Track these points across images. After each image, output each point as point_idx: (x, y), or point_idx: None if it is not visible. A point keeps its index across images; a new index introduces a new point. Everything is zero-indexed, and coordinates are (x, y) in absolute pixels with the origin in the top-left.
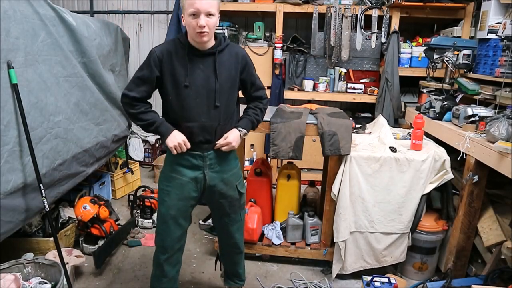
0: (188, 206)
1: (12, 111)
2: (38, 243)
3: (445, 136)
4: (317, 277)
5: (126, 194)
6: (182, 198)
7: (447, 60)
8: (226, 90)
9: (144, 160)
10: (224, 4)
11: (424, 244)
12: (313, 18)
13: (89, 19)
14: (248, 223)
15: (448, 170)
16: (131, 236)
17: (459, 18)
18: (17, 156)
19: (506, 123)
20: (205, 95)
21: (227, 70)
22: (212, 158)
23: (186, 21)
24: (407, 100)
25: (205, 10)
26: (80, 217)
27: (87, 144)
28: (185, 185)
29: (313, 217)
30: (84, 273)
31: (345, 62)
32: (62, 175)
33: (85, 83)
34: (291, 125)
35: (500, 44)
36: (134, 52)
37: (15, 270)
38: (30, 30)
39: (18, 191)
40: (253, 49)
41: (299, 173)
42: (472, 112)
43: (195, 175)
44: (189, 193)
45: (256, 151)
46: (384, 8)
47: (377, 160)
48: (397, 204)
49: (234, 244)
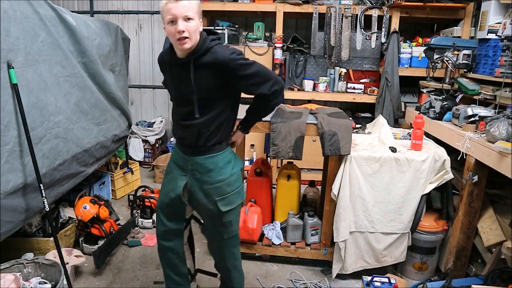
0: (173, 204)
1: (12, 111)
2: (38, 243)
3: (445, 136)
4: (317, 277)
5: (126, 194)
6: (167, 193)
7: (447, 60)
8: (210, 101)
9: (144, 160)
10: (224, 4)
11: (424, 244)
12: (313, 18)
13: (89, 19)
14: (248, 223)
15: (448, 170)
16: (131, 236)
17: (459, 18)
18: (17, 156)
19: (506, 123)
20: (186, 105)
21: (205, 80)
22: (193, 164)
23: (166, 30)
24: (407, 100)
25: (182, 15)
26: (80, 217)
27: (87, 144)
28: (172, 181)
29: (313, 217)
30: (84, 273)
31: (345, 62)
32: (62, 175)
33: (85, 83)
34: (291, 125)
35: (500, 44)
36: (134, 52)
37: (15, 270)
38: (30, 30)
39: (18, 191)
40: (253, 49)
41: (299, 173)
42: (472, 112)
43: (181, 175)
44: (174, 190)
45: (256, 151)
46: (384, 8)
47: (377, 160)
48: (397, 204)
49: (217, 262)
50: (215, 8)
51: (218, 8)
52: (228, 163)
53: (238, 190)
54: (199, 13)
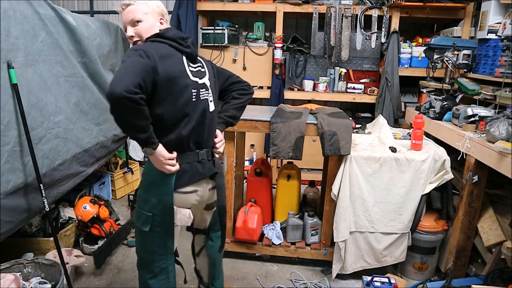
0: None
1: (12, 111)
2: (38, 243)
3: (445, 136)
4: (317, 277)
5: (126, 194)
6: None
7: (447, 60)
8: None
9: (144, 160)
10: (224, 4)
11: (424, 244)
12: (313, 18)
13: (89, 19)
14: (248, 223)
15: (448, 170)
16: (131, 236)
17: (459, 18)
18: (17, 156)
19: (506, 123)
20: None
21: None
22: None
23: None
24: (407, 100)
25: (128, 20)
26: (80, 217)
27: (87, 144)
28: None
29: (313, 217)
30: (84, 273)
31: (345, 62)
32: (62, 175)
33: (85, 83)
34: (291, 125)
35: (500, 44)
36: None
37: (15, 270)
38: (30, 30)
39: (18, 191)
40: (253, 49)
41: (299, 173)
42: (472, 112)
43: None
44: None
45: (256, 151)
46: (384, 8)
47: (377, 160)
48: (397, 204)
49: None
50: (215, 8)
51: (218, 8)
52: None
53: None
54: (153, 12)
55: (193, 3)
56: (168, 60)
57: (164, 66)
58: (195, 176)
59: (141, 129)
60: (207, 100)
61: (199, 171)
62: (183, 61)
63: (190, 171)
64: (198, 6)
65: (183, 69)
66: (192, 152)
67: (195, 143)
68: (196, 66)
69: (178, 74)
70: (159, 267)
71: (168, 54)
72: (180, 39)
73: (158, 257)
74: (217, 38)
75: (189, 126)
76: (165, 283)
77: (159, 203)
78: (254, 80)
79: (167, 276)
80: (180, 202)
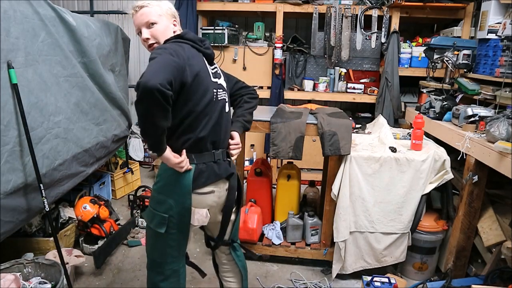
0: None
1: (12, 111)
2: (38, 243)
3: (445, 136)
4: (317, 277)
5: (126, 194)
6: None
7: (447, 60)
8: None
9: (144, 160)
10: (224, 4)
11: (424, 244)
12: (313, 18)
13: (89, 19)
14: (248, 223)
15: (448, 170)
16: (131, 236)
17: (459, 18)
18: (17, 156)
19: (506, 123)
20: None
21: None
22: None
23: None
24: (407, 100)
25: (143, 23)
26: (80, 217)
27: (87, 144)
28: None
29: (313, 217)
30: (84, 273)
31: (345, 62)
32: (62, 175)
33: (85, 83)
34: (291, 125)
35: (500, 44)
36: (134, 52)
37: (15, 270)
38: (30, 30)
39: (18, 191)
40: (253, 49)
41: (299, 173)
42: (472, 112)
43: None
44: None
45: (256, 151)
46: (384, 8)
47: (377, 160)
48: (397, 204)
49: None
50: (215, 8)
51: (218, 8)
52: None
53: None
54: (167, 14)
55: (193, 3)
56: (194, 60)
57: (191, 66)
58: (211, 177)
59: (159, 130)
60: (224, 100)
61: (216, 172)
62: (205, 62)
63: (207, 171)
64: (198, 6)
65: (206, 70)
66: (209, 152)
67: (211, 143)
68: (214, 67)
69: (203, 74)
70: (171, 269)
71: (193, 55)
72: (199, 41)
73: (170, 259)
74: (217, 38)
75: (208, 126)
76: (175, 285)
77: (177, 204)
78: (254, 80)
79: (178, 278)
80: (197, 203)
